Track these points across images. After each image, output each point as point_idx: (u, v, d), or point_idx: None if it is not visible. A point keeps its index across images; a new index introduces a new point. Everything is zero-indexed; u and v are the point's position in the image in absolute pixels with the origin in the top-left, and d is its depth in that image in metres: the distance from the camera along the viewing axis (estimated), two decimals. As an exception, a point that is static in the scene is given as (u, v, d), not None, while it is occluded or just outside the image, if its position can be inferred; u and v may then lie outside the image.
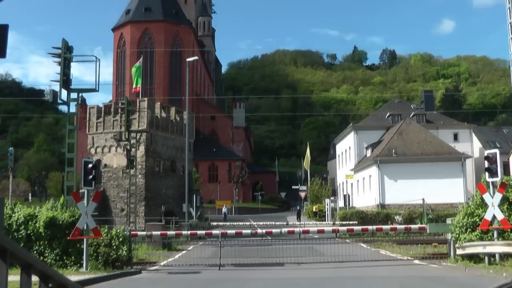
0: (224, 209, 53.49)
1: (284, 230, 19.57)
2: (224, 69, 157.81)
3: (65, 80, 19.27)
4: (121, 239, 15.49)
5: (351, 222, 34.35)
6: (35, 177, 76.04)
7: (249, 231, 19.71)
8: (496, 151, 15.83)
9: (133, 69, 39.40)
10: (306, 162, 67.23)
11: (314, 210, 52.95)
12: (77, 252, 15.10)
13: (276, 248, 19.07)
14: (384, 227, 21.40)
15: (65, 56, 19.24)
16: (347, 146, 62.69)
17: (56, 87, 19.39)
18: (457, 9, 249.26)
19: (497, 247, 14.05)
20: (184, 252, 22.30)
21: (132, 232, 17.37)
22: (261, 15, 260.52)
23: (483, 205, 14.89)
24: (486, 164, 15.09)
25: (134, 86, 38.78)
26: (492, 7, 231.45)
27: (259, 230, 19.41)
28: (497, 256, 14.17)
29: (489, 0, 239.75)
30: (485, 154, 15.48)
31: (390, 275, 13.74)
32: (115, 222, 35.37)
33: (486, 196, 14.54)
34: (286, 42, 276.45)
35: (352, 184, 57.22)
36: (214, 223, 39.50)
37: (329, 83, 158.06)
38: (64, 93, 19.46)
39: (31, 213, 15.58)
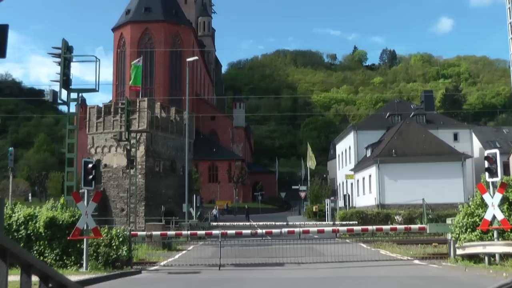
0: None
1: (284, 230, 19.57)
2: (224, 69, 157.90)
3: (65, 80, 19.28)
4: (121, 239, 15.49)
5: (351, 222, 34.32)
6: (35, 177, 75.96)
7: (249, 231, 19.71)
8: (496, 151, 15.82)
9: (133, 67, 39.40)
10: (312, 161, 66.88)
11: (314, 210, 52.94)
12: (77, 252, 15.10)
13: (276, 248, 19.07)
14: (384, 227, 21.40)
15: (65, 56, 19.23)
16: (347, 146, 62.67)
17: (56, 87, 19.41)
18: (454, 9, 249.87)
19: (497, 247, 14.05)
20: (184, 252, 22.30)
21: (132, 232, 17.37)
22: (262, 15, 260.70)
23: (483, 205, 14.88)
24: (486, 164, 15.09)
25: (132, 84, 38.81)
26: (489, 7, 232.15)
27: (259, 230, 19.41)
28: (497, 256, 14.17)
29: (486, 0, 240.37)
30: (485, 154, 15.47)
31: (390, 275, 13.73)
32: (115, 222, 35.37)
33: (486, 196, 14.53)
34: (288, 42, 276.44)
35: (352, 184, 57.21)
36: (214, 223, 39.50)
37: (329, 83, 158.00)
38: (64, 93, 19.48)
39: (31, 213, 15.58)
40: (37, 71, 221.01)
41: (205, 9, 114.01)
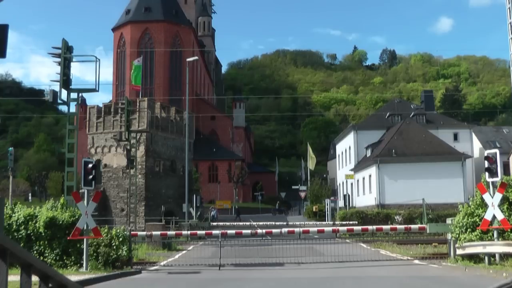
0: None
1: (284, 230, 19.57)
2: (224, 69, 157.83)
3: (65, 80, 19.28)
4: (121, 239, 15.49)
5: (351, 222, 34.32)
6: (35, 177, 75.92)
7: (249, 231, 19.71)
8: (496, 151, 15.83)
9: (133, 67, 39.44)
10: (312, 162, 67.01)
11: (314, 210, 52.94)
12: (77, 252, 15.10)
13: (276, 248, 19.08)
14: (384, 227, 21.38)
15: (65, 56, 19.24)
16: (347, 146, 62.67)
17: (56, 87, 19.42)
18: (454, 8, 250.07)
19: (497, 247, 14.05)
20: (184, 252, 22.31)
21: (132, 232, 17.37)
22: (262, 15, 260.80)
23: (483, 205, 14.88)
24: (486, 164, 15.09)
25: (133, 83, 38.87)
26: (488, 7, 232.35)
27: (259, 230, 19.41)
28: (497, 256, 14.17)
29: (485, 0, 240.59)
30: (485, 154, 15.48)
31: (390, 275, 13.74)
32: (115, 222, 35.36)
33: (486, 196, 14.53)
34: (288, 42, 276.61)
35: (352, 184, 57.20)
36: (214, 223, 39.50)
37: (329, 83, 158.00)
38: (64, 93, 19.49)
39: (31, 213, 15.58)
40: (37, 71, 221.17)
41: (205, 9, 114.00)
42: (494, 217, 14.20)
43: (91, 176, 15.49)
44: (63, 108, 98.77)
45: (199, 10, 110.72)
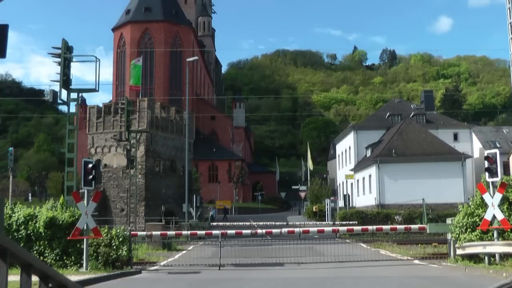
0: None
1: (284, 230, 19.56)
2: (224, 69, 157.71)
3: (65, 80, 19.29)
4: (121, 239, 15.48)
5: (351, 222, 34.33)
6: (35, 177, 75.90)
7: (249, 231, 19.70)
8: (496, 151, 15.83)
9: (132, 67, 39.44)
10: (311, 163, 67.36)
11: (314, 210, 52.94)
12: (77, 252, 15.10)
13: (276, 248, 19.08)
14: (384, 227, 21.38)
15: (65, 56, 19.25)
16: (347, 146, 62.66)
17: (56, 87, 19.45)
18: (453, 8, 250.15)
19: (497, 247, 14.05)
20: (184, 252, 22.31)
21: (132, 232, 17.36)
22: (262, 15, 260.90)
23: (483, 205, 14.88)
24: (486, 164, 15.09)
25: (132, 83, 38.89)
26: (487, 7, 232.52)
27: (259, 230, 19.40)
28: (497, 256, 14.17)
29: (484, 0, 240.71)
30: (485, 154, 15.48)
31: (390, 275, 13.74)
32: (115, 222, 35.37)
33: (486, 196, 14.53)
34: (289, 42, 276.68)
35: (352, 184, 57.20)
36: (214, 223, 39.49)
37: (329, 83, 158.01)
38: (64, 93, 19.51)
39: (31, 213, 15.57)
40: (37, 71, 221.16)
41: (205, 9, 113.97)
42: (494, 217, 14.20)
43: (91, 176, 15.49)
44: (63, 108, 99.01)
45: (199, 10, 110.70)
